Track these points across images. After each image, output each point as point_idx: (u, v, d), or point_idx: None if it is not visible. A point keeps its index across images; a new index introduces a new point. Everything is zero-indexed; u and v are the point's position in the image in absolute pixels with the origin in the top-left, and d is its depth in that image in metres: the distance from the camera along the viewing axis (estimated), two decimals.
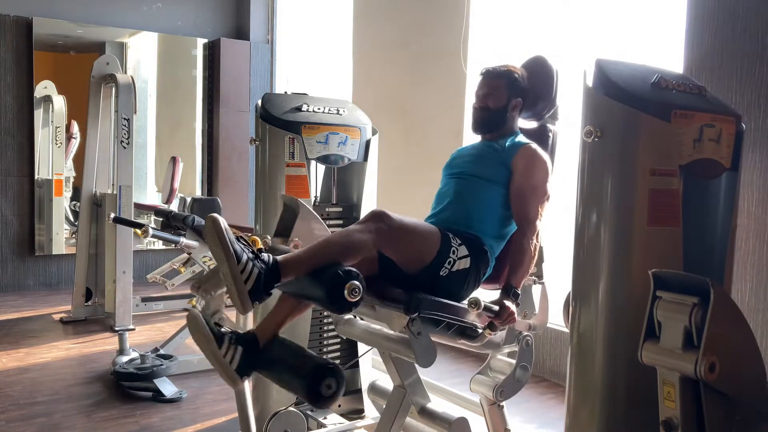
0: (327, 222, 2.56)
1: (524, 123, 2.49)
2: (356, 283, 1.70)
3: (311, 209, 2.22)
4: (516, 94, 2.35)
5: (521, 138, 2.35)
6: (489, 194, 2.25)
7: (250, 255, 1.73)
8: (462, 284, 2.10)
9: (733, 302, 1.44)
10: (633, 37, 3.40)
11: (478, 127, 2.39)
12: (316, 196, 2.78)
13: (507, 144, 2.30)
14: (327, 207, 2.76)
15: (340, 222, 2.73)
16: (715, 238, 1.84)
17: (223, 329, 1.86)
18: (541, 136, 2.42)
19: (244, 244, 1.76)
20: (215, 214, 1.75)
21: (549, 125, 2.46)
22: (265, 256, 1.77)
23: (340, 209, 2.78)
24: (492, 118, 2.35)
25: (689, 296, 1.39)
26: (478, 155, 2.35)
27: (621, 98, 1.67)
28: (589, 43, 3.58)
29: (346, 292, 1.69)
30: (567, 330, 1.87)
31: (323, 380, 1.71)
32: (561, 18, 3.79)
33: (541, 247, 2.32)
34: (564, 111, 2.63)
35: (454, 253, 2.06)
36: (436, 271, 2.03)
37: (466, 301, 1.96)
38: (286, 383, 1.85)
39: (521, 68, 2.41)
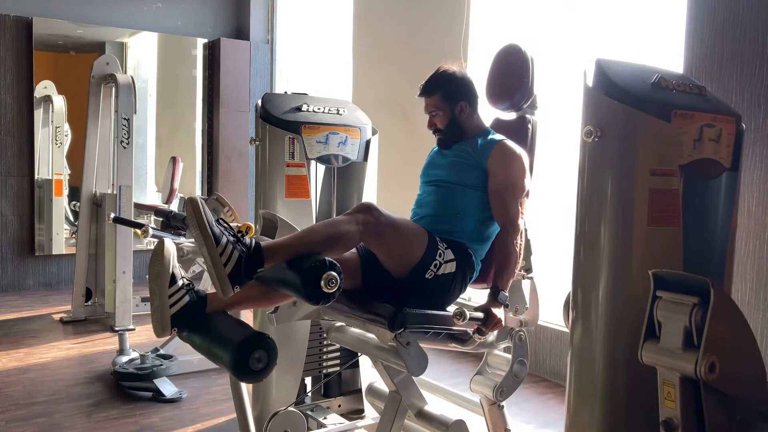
0: None
1: (504, 115, 2.46)
2: (333, 273, 1.66)
3: (289, 222, 2.16)
4: (456, 100, 2.29)
5: (493, 135, 2.31)
6: (467, 200, 2.22)
7: (231, 238, 1.69)
8: (448, 288, 2.08)
9: (733, 302, 1.44)
10: (633, 37, 3.40)
11: (441, 146, 2.39)
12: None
13: (479, 144, 2.26)
14: (328, 165, 2.71)
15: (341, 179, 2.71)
16: (715, 238, 1.84)
17: (183, 275, 1.79)
18: (520, 127, 2.37)
19: (225, 227, 1.71)
20: (194, 196, 1.72)
21: (528, 115, 2.41)
22: (247, 239, 1.72)
23: (341, 167, 2.74)
24: (447, 134, 2.33)
25: (689, 296, 1.39)
26: (452, 161, 2.30)
27: (621, 98, 1.67)
28: (589, 43, 3.58)
29: (323, 282, 1.64)
30: (567, 330, 1.87)
31: (252, 353, 1.58)
32: (561, 18, 3.79)
33: (528, 240, 2.31)
34: (563, 109, 2.63)
35: (440, 256, 2.04)
36: (422, 274, 2.01)
37: (451, 310, 1.94)
38: (213, 354, 1.72)
39: (455, 64, 2.36)
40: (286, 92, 2.83)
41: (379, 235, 1.92)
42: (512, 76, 2.34)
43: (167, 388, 3.22)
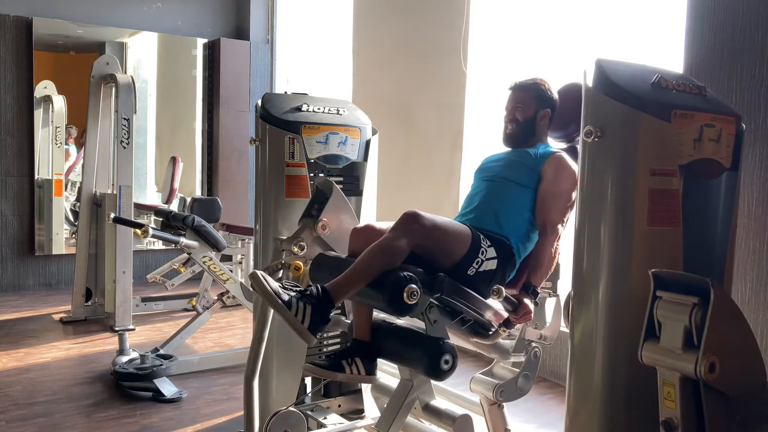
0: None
1: (555, 144, 2.53)
2: (414, 286, 1.86)
3: (344, 196, 2.30)
4: (543, 105, 2.41)
5: (552, 147, 2.42)
6: (518, 197, 2.31)
7: (298, 295, 1.86)
8: (487, 284, 2.14)
9: (733, 302, 1.44)
10: (633, 37, 3.40)
11: (508, 139, 2.46)
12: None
13: (539, 151, 2.37)
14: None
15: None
16: (715, 238, 1.84)
17: (332, 354, 2.05)
18: (571, 155, 2.45)
19: (290, 288, 1.88)
20: (255, 271, 1.89)
21: (578, 146, 2.48)
22: (313, 289, 1.89)
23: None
24: (521, 129, 2.42)
25: (689, 296, 1.39)
26: (510, 160, 2.41)
27: (621, 98, 1.67)
28: (589, 43, 3.58)
29: (405, 295, 1.85)
30: (567, 330, 1.87)
31: (441, 357, 1.92)
32: (561, 17, 3.79)
33: (558, 264, 2.34)
34: None
35: (483, 254, 2.12)
36: (464, 270, 2.09)
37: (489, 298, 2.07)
38: (408, 364, 2.10)
39: (545, 80, 2.47)
40: (286, 92, 2.83)
41: (426, 239, 2.02)
42: (570, 109, 2.42)
43: (167, 388, 3.22)
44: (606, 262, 1.69)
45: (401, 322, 2.24)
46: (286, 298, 1.84)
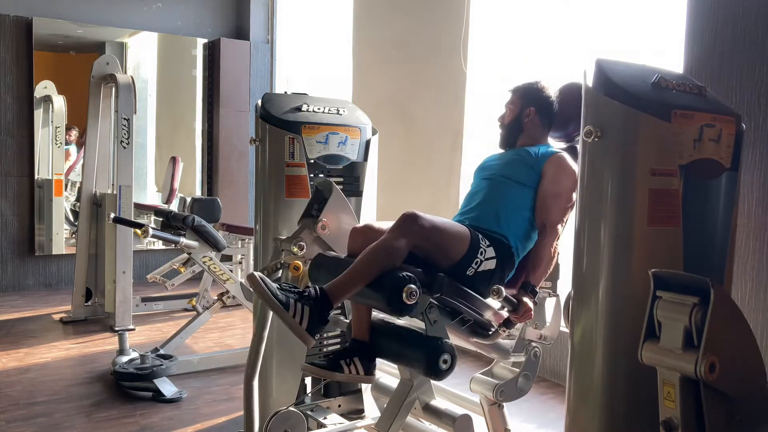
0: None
1: (555, 144, 2.54)
2: (413, 286, 1.86)
3: (344, 196, 2.30)
4: (528, 104, 2.43)
5: (554, 148, 2.43)
6: (518, 196, 2.31)
7: (296, 296, 1.85)
8: (486, 284, 2.15)
9: (733, 302, 1.44)
10: (633, 37, 3.40)
11: (499, 141, 2.51)
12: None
13: (540, 151, 2.38)
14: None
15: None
16: (715, 238, 1.84)
17: (331, 354, 2.04)
18: (571, 155, 2.45)
19: (287, 289, 1.87)
20: (253, 272, 1.87)
21: (578, 146, 2.48)
22: (311, 290, 1.88)
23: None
24: (506, 130, 2.48)
25: (689, 296, 1.39)
26: (510, 159, 2.42)
27: (621, 98, 1.67)
28: (589, 43, 3.58)
29: (404, 295, 1.85)
30: (567, 330, 1.87)
31: (440, 356, 1.93)
32: (561, 18, 3.79)
33: (558, 264, 2.35)
34: None
35: (482, 254, 2.13)
36: (463, 271, 2.09)
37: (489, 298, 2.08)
38: (407, 364, 2.11)
39: (542, 81, 2.48)
40: (286, 92, 2.83)
41: (425, 240, 2.03)
42: (570, 109, 2.43)
43: (167, 388, 3.22)
44: (606, 262, 1.69)
45: (401, 321, 2.24)
46: (283, 299, 1.83)
